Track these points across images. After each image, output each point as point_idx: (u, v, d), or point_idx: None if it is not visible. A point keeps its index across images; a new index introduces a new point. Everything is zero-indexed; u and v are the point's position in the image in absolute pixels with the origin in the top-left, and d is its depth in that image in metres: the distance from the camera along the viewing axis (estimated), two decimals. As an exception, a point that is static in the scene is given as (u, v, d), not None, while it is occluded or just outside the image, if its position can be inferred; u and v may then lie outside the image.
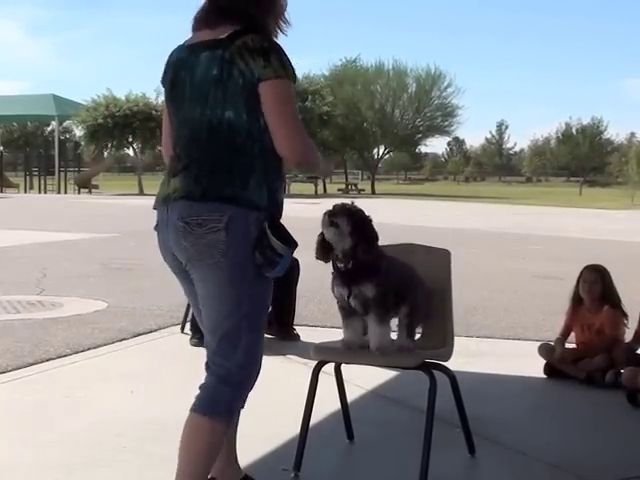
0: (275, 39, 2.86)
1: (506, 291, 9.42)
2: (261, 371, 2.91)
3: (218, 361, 2.83)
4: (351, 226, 3.27)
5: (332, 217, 3.27)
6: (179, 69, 2.89)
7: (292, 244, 2.78)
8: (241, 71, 2.71)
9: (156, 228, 2.95)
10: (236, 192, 2.74)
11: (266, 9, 2.85)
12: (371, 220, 3.36)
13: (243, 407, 2.96)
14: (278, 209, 2.83)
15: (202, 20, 2.88)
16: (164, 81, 2.98)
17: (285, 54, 2.77)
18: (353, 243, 3.28)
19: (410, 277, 3.51)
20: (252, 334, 2.82)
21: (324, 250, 3.37)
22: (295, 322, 6.43)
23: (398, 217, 21.89)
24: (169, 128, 3.01)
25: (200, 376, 2.93)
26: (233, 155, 2.77)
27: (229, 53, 2.72)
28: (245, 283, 2.76)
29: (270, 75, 2.69)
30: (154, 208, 2.94)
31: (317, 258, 3.43)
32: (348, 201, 3.36)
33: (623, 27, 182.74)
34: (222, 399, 2.82)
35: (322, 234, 3.37)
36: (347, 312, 3.44)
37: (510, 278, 10.65)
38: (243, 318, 2.79)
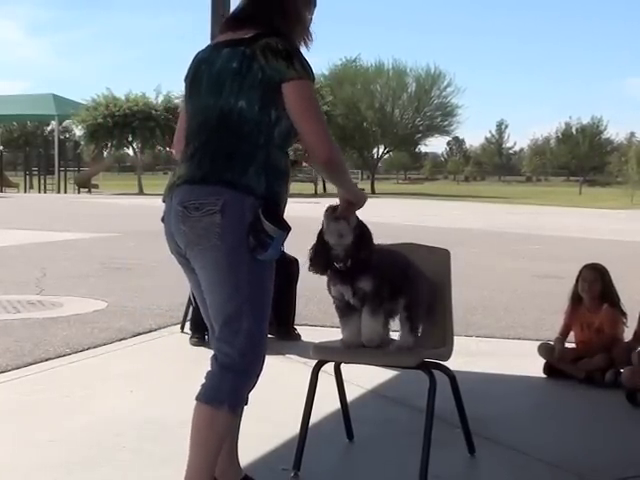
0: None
1: (506, 290, 9.42)
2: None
3: (222, 349, 2.85)
4: (356, 219, 3.27)
5: (336, 210, 3.24)
6: (200, 64, 2.97)
7: (284, 227, 2.81)
8: (261, 66, 2.78)
9: (162, 219, 2.98)
10: (235, 177, 2.80)
11: (291, 23, 2.94)
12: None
13: (247, 404, 2.97)
14: (275, 201, 2.84)
15: (227, 24, 3.01)
16: (186, 78, 3.04)
17: (305, 57, 2.86)
18: (353, 239, 3.27)
19: (404, 268, 3.49)
20: (254, 319, 2.84)
21: (322, 259, 3.31)
22: (295, 322, 6.43)
23: (398, 216, 21.92)
24: (184, 123, 3.05)
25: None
26: (237, 143, 2.83)
27: (251, 50, 2.81)
28: (243, 267, 2.79)
29: (294, 76, 2.78)
30: (163, 201, 2.99)
31: (315, 271, 3.35)
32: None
33: (624, 27, 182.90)
34: (225, 387, 2.84)
35: (314, 245, 3.34)
36: (344, 312, 3.43)
37: (510, 277, 10.66)
38: (244, 302, 2.81)
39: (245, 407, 3.02)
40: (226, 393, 2.84)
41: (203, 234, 2.79)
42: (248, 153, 2.82)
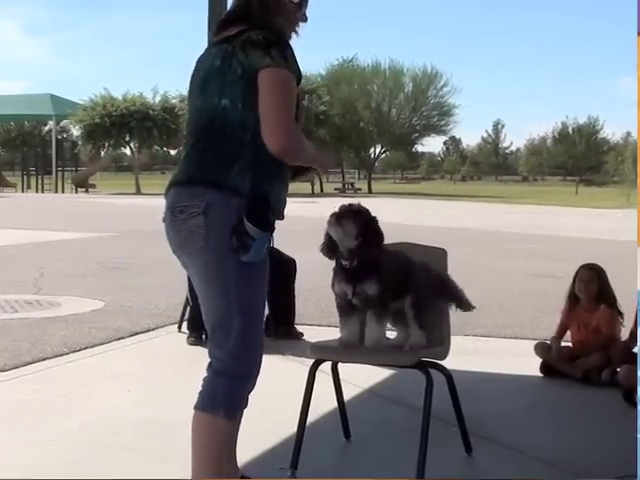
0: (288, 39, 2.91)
1: (502, 290, 9.43)
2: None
3: (216, 353, 2.85)
4: (357, 227, 3.30)
5: (339, 218, 3.30)
6: (197, 67, 2.99)
7: (267, 228, 2.76)
8: (240, 61, 2.76)
9: (164, 220, 2.98)
10: (219, 177, 2.77)
11: (270, 14, 2.89)
12: (377, 220, 3.39)
13: (246, 406, 2.96)
14: (264, 200, 2.78)
15: (219, 27, 3.01)
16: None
17: (291, 49, 2.80)
18: (358, 242, 3.30)
19: (407, 269, 3.51)
20: (246, 320, 2.81)
21: (330, 248, 3.39)
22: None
23: (395, 216, 21.89)
24: None
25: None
26: (222, 142, 2.80)
27: (232, 46, 2.80)
28: (231, 267, 2.77)
29: (269, 63, 2.72)
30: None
31: (323, 254, 3.45)
32: (355, 201, 3.39)
33: (619, 26, 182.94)
34: (220, 392, 2.83)
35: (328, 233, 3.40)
36: (345, 310, 3.45)
37: (506, 277, 10.66)
38: (233, 303, 2.80)
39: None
40: (222, 399, 2.82)
41: (189, 237, 2.78)
42: (233, 152, 2.79)
